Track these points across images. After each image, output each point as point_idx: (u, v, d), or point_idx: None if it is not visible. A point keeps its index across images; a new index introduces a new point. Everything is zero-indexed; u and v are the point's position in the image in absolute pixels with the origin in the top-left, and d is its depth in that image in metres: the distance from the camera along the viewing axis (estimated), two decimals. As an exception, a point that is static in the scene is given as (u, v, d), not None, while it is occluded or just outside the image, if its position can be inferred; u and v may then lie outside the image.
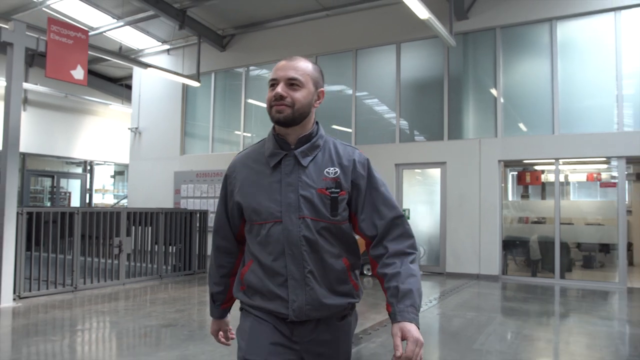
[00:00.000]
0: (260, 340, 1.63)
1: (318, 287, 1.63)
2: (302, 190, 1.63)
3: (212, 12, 11.71)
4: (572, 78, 9.02)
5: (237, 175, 1.74)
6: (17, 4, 11.53)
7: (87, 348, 4.78)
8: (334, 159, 1.68)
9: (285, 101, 1.61)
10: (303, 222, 1.62)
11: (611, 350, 4.86)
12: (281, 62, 1.68)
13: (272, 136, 1.70)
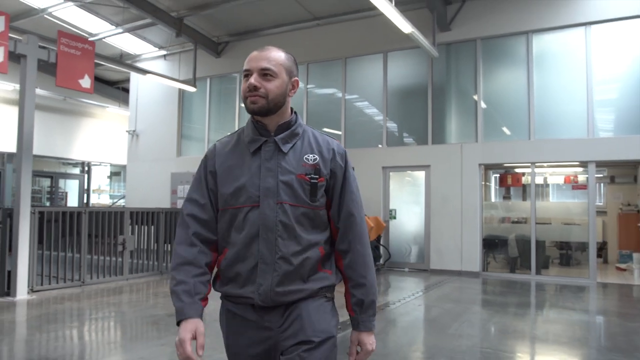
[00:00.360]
0: (235, 336, 1.70)
1: (287, 274, 1.62)
2: (282, 175, 1.64)
3: (207, 20, 12.28)
4: (547, 87, 9.70)
5: (217, 158, 1.74)
6: (19, 10, 11.99)
7: (103, 333, 5.34)
8: (313, 147, 1.71)
9: (259, 92, 1.62)
10: (280, 207, 1.63)
11: (568, 334, 5.51)
12: (254, 53, 1.68)
13: (252, 123, 1.72)
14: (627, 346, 5.07)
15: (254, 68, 1.64)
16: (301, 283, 1.65)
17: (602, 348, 5.12)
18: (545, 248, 10.64)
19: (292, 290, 1.63)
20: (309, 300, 1.67)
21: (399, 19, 8.08)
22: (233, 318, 1.70)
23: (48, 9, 11.92)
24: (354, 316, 1.74)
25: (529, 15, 9.71)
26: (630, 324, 6.13)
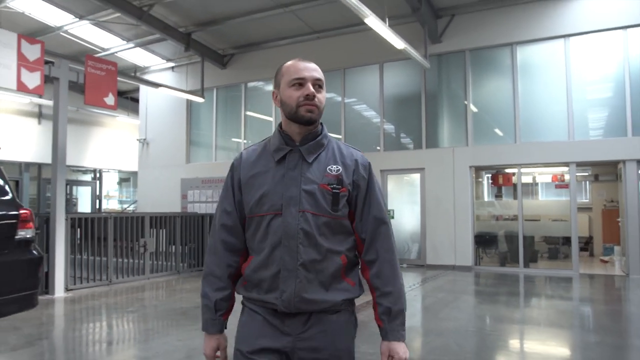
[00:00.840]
0: (251, 331, 1.71)
1: (309, 280, 1.65)
2: (305, 184, 1.67)
3: (214, 34, 13.13)
4: (531, 94, 10.57)
5: (243, 167, 1.77)
6: (37, 28, 12.81)
7: (138, 323, 6.19)
8: (337, 158, 1.73)
9: (315, 101, 1.67)
10: (302, 215, 1.65)
11: (544, 316, 6.38)
12: (301, 64, 1.72)
13: (279, 132, 1.75)
14: (595, 326, 5.93)
15: (308, 78, 1.68)
16: (323, 291, 1.66)
17: (574, 326, 5.99)
18: (534, 243, 11.52)
19: (315, 299, 1.65)
20: (334, 315, 1.69)
21: (392, 37, 8.94)
22: (254, 317, 1.73)
23: (64, 27, 12.75)
24: (383, 326, 1.73)
25: (513, 28, 10.57)
26: (602, 307, 7.00)
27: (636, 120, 9.58)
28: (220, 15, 12.02)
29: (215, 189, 13.62)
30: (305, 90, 1.66)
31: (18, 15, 11.99)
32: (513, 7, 10.56)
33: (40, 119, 15.64)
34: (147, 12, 11.43)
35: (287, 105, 1.69)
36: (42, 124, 15.65)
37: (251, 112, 13.96)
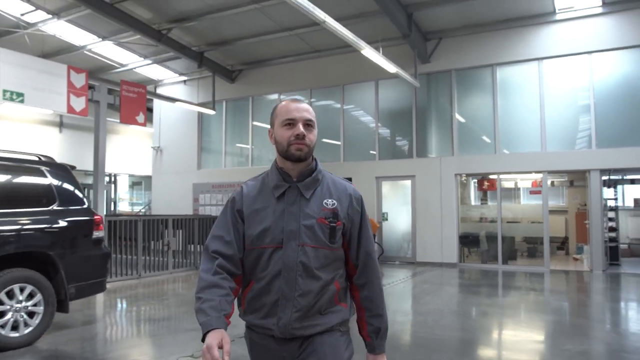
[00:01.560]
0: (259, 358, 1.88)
1: (306, 309, 1.79)
2: (304, 220, 1.80)
3: (224, 52, 14.53)
4: (509, 110, 12.00)
5: (245, 201, 1.87)
6: (63, 47, 14.18)
7: (173, 307, 7.58)
8: (332, 192, 1.86)
9: (305, 141, 1.80)
10: (302, 249, 1.78)
11: (508, 300, 7.81)
12: (292, 105, 1.85)
13: (276, 169, 1.87)
14: (547, 307, 7.36)
15: (299, 118, 1.81)
16: (318, 316, 1.82)
17: (530, 308, 7.42)
18: (514, 243, 12.95)
19: (309, 324, 1.80)
20: (324, 335, 1.82)
21: (385, 63, 10.37)
22: (255, 346, 1.89)
23: (87, 46, 14.13)
24: (370, 342, 1.94)
25: (493, 51, 12.01)
26: (557, 295, 8.43)
27: (600, 134, 11.02)
28: (230, 37, 13.43)
29: (225, 193, 15.03)
30: (295, 130, 1.80)
31: (48, 37, 13.36)
32: (493, 33, 11.99)
33: (61, 127, 17.01)
34: (166, 34, 12.84)
35: (280, 144, 1.84)
36: (62, 133, 17.03)
37: (257, 122, 15.37)
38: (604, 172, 11.24)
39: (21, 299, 5.13)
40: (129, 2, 11.56)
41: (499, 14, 11.56)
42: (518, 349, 5.41)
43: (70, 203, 5.74)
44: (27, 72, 8.01)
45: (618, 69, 11.16)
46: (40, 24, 12.79)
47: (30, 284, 5.20)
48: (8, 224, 5.09)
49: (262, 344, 1.85)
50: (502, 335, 6.16)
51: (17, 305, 5.10)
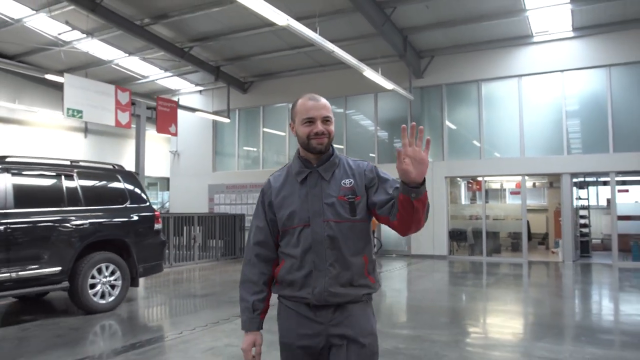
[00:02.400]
0: (291, 328, 2.11)
1: (337, 277, 2.03)
2: (325, 199, 2.07)
3: (238, 66, 16.20)
4: (492, 120, 13.71)
5: (272, 191, 2.16)
6: (92, 61, 15.82)
7: (208, 287, 9.24)
8: (348, 172, 2.12)
9: (324, 136, 2.07)
10: (327, 224, 2.05)
11: (487, 282, 9.53)
12: (310, 103, 2.10)
13: (298, 158, 2.15)
14: (514, 286, 9.07)
15: (317, 116, 2.07)
16: (348, 286, 2.05)
17: (499, 287, 9.13)
18: (498, 237, 14.66)
19: (341, 292, 2.03)
20: (355, 304, 2.07)
21: (383, 82, 12.07)
22: (289, 313, 2.13)
23: (114, 60, 15.79)
24: (401, 188, 1.90)
25: (478, 69, 13.72)
26: (525, 279, 10.15)
27: (570, 142, 12.74)
28: (244, 53, 15.11)
29: (238, 193, 16.70)
30: (314, 128, 2.04)
31: (81, 54, 15.01)
32: (479, 52, 13.70)
33: (86, 133, 18.65)
34: (188, 52, 14.52)
35: (301, 138, 2.09)
36: (87, 138, 18.67)
37: (267, 128, 17.06)
38: (574, 176, 12.97)
39: (106, 274, 6.81)
40: (157, 25, 13.24)
41: (483, 36, 13.26)
42: (485, 311, 7.11)
43: (137, 202, 7.42)
44: (85, 93, 9.67)
45: (586, 85, 12.89)
46: (75, 42, 14.45)
47: (112, 264, 6.89)
48: (97, 217, 6.77)
49: (296, 310, 2.10)
50: (475, 304, 7.85)
51: (104, 279, 6.78)
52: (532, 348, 5.19)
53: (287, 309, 2.13)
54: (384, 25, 11.74)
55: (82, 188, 6.74)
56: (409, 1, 11.43)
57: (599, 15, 11.96)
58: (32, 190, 6.35)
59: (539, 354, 4.95)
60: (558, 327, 6.26)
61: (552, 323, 6.42)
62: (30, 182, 6.35)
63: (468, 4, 11.57)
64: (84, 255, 6.57)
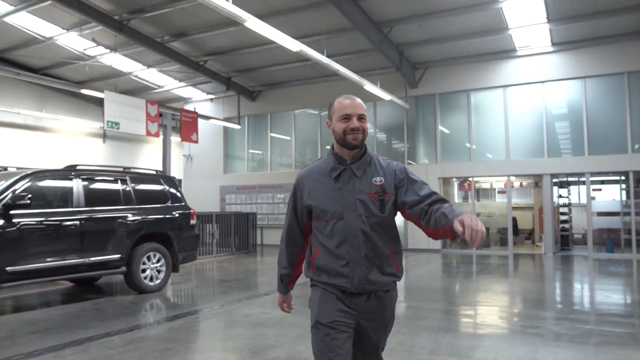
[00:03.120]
0: (328, 306, 2.28)
1: (371, 267, 2.25)
2: (357, 194, 2.25)
3: (247, 77, 17.67)
4: (480, 126, 15.22)
5: (305, 185, 2.37)
6: (114, 73, 17.26)
7: (231, 274, 10.70)
8: (379, 171, 2.31)
9: (359, 131, 2.27)
10: (360, 218, 2.24)
11: (471, 269, 11.03)
12: (347, 101, 2.32)
13: (332, 155, 2.35)
14: (496, 272, 10.57)
15: (353, 114, 2.27)
16: (380, 274, 2.29)
17: (484, 273, 10.63)
18: (488, 233, 16.14)
19: (376, 281, 2.28)
20: (386, 294, 2.34)
21: (381, 93, 13.55)
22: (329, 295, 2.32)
23: (134, 72, 17.23)
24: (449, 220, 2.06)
25: (468, 80, 15.22)
26: (506, 267, 11.65)
27: (550, 146, 14.25)
28: (254, 66, 16.58)
29: (248, 194, 18.17)
30: (350, 124, 2.27)
31: (103, 67, 16.46)
32: (468, 65, 15.20)
33: (104, 138, 20.09)
34: (203, 65, 15.99)
35: (337, 134, 2.31)
36: (106, 143, 20.11)
37: (274, 133, 18.54)
38: (554, 176, 14.49)
39: (154, 261, 8.27)
40: (176, 42, 14.70)
41: (471, 51, 14.75)
42: (468, 290, 8.60)
43: (176, 201, 8.90)
44: (120, 107, 11.14)
45: (564, 95, 14.41)
46: (99, 57, 15.89)
47: (159, 252, 8.35)
48: (147, 214, 8.23)
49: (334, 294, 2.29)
50: (460, 285, 9.33)
51: (152, 265, 8.24)
52: (501, 312, 6.68)
53: (325, 292, 2.32)
54: (382, 42, 13.23)
55: (134, 190, 8.21)
56: (404, 21, 12.90)
57: (574, 32, 13.47)
58: (97, 192, 7.80)
59: (505, 315, 6.45)
60: (524, 298, 7.75)
61: (521, 296, 7.91)
62: (95, 185, 7.81)
63: (456, 23, 13.05)
64: (137, 245, 8.04)
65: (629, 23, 12.78)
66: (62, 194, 7.32)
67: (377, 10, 12.40)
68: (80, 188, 7.43)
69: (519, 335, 5.49)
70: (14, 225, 6.45)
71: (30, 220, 6.67)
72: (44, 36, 14.66)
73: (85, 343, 5.22)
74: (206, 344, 5.44)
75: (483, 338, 5.42)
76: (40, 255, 6.72)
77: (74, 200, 7.28)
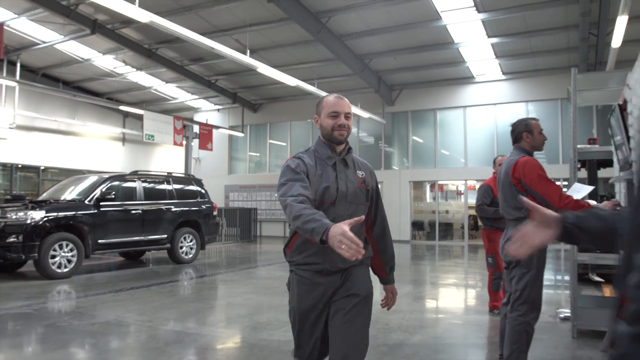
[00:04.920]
0: (303, 295, 2.49)
1: None
2: (350, 183, 2.49)
3: (250, 92, 20.87)
4: (445, 139, 18.53)
5: (308, 169, 2.46)
6: (134, 87, 20.34)
7: (239, 256, 13.89)
8: (360, 166, 2.61)
9: (345, 128, 2.49)
10: (350, 205, 2.46)
11: (428, 255, 14.36)
12: (336, 100, 2.53)
13: (326, 146, 2.53)
14: (448, 256, 13.89)
15: (341, 111, 2.49)
16: None
17: (436, 256, 13.91)
18: (451, 227, 19.48)
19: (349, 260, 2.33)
20: (357, 267, 2.52)
21: (362, 112, 16.80)
22: (303, 282, 2.49)
23: (153, 87, 20.35)
24: (386, 276, 2.73)
25: (435, 100, 18.53)
26: (454, 255, 14.97)
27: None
28: (257, 84, 19.77)
29: (249, 192, 21.37)
30: (338, 120, 2.48)
31: (130, 82, 19.59)
32: (436, 88, 18.50)
33: (124, 142, 23.19)
34: (214, 83, 19.17)
35: (325, 129, 2.52)
36: (125, 146, 23.21)
37: (272, 140, 21.76)
38: (502, 181, 17.77)
39: (188, 241, 11.47)
40: (194, 65, 17.86)
41: (438, 76, 18.04)
42: (426, 268, 11.88)
43: (203, 197, 12.10)
44: (155, 123, 14.30)
45: (511, 115, 17.69)
46: (126, 74, 19.01)
47: (191, 235, 11.54)
48: (183, 207, 11.41)
49: (311, 278, 2.49)
50: (421, 265, 12.55)
51: (187, 244, 11.43)
52: (445, 279, 9.97)
53: (300, 279, 2.52)
54: (362, 71, 16.49)
55: (175, 189, 11.41)
56: (381, 55, 16.15)
57: (519, 65, 16.79)
58: (151, 190, 10.98)
59: (451, 282, 9.74)
60: (465, 270, 11.02)
61: (460, 269, 11.20)
62: (150, 185, 11.00)
63: (425, 57, 16.30)
64: (177, 229, 11.23)
65: (560, 60, 16.11)
66: (129, 191, 10.50)
67: (358, 46, 15.64)
68: (140, 187, 10.62)
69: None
70: (103, 212, 9.64)
71: (112, 209, 9.87)
72: (83, 58, 17.74)
73: (150, 287, 8.46)
74: (233, 288, 8.67)
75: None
76: (117, 233, 9.91)
77: (137, 196, 10.48)
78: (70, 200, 9.54)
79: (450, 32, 14.33)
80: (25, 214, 8.51)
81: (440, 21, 13.52)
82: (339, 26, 14.23)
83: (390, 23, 13.87)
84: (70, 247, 8.99)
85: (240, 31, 14.43)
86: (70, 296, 7.62)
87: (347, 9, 13.11)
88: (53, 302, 7.21)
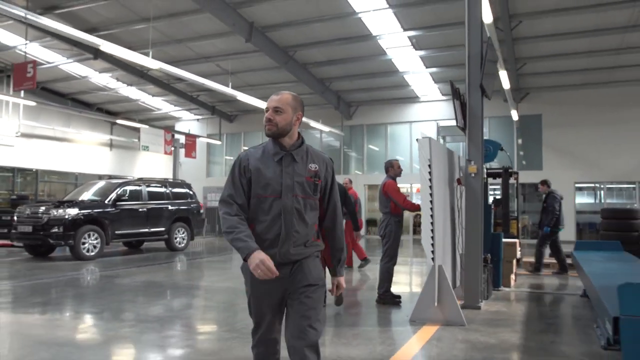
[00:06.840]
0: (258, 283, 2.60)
1: (298, 241, 2.62)
2: (296, 177, 2.62)
3: (227, 104, 23.93)
4: (395, 150, 21.99)
5: (250, 163, 2.66)
6: (124, 99, 23.12)
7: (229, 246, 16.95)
8: (314, 159, 2.71)
9: (271, 123, 2.65)
10: (295, 198, 2.60)
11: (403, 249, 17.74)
12: (272, 96, 2.72)
13: (274, 142, 2.69)
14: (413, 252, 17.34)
15: (270, 106, 2.68)
16: (304, 247, 2.65)
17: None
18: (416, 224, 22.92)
19: (300, 252, 2.63)
20: (308, 259, 2.67)
21: (322, 127, 20.09)
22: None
23: (141, 99, 23.20)
24: (334, 268, 2.85)
25: (386, 116, 21.98)
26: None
27: (439, 165, 21.11)
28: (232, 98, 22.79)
29: (225, 193, 24.39)
30: (266, 115, 2.70)
31: (118, 95, 22.39)
32: (387, 105, 21.93)
33: (111, 147, 25.89)
34: (196, 97, 22.18)
35: None
36: (112, 151, 25.91)
37: (246, 147, 24.84)
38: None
39: (181, 233, 14.53)
40: (179, 83, 20.84)
41: (389, 96, 21.47)
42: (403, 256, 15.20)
43: (192, 198, 15.18)
44: (150, 135, 17.27)
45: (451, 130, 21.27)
46: (117, 89, 21.84)
47: (184, 228, 14.61)
48: (177, 206, 14.47)
49: None
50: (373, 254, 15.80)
51: (180, 235, 14.50)
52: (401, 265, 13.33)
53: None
54: (323, 92, 19.81)
55: (171, 191, 14.45)
56: (340, 79, 19.48)
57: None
58: (153, 192, 13.98)
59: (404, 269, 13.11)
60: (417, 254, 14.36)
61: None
62: (152, 188, 14.01)
63: (377, 81, 19.67)
64: (172, 223, 14.27)
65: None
66: (137, 193, 13.51)
67: (320, 72, 18.95)
68: (145, 190, 13.65)
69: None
70: (119, 210, 12.64)
71: (125, 207, 12.87)
72: (81, 75, 20.51)
73: (153, 265, 11.55)
74: (219, 266, 11.79)
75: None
76: (129, 226, 12.93)
77: (142, 197, 13.51)
78: (94, 201, 12.52)
79: (396, 64, 17.80)
80: (64, 211, 11.49)
81: (387, 56, 16.95)
82: (304, 57, 17.50)
83: (348, 55, 17.23)
84: (95, 236, 11.98)
85: (221, 58, 17.56)
86: (107, 269, 10.64)
87: (310, 46, 16.40)
88: (96, 272, 10.24)
